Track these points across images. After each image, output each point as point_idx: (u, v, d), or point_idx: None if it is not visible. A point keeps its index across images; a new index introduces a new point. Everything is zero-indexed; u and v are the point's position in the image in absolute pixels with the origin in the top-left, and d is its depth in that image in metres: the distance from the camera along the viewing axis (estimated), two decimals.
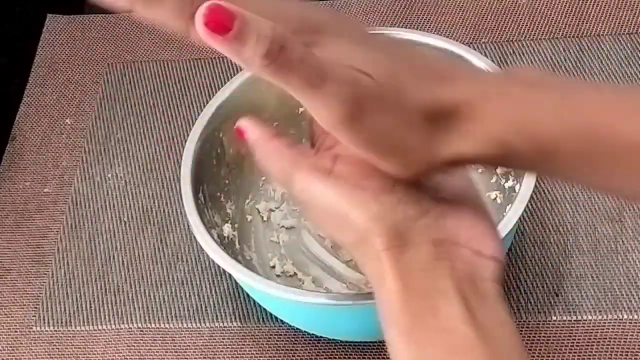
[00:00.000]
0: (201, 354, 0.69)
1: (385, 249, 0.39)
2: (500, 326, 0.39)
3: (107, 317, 0.72)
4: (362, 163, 0.40)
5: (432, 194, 0.41)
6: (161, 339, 0.70)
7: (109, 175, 0.81)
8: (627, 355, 0.65)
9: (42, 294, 0.74)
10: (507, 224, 0.59)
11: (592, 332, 0.66)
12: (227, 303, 0.71)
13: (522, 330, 0.67)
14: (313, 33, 0.38)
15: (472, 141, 0.39)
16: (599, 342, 0.66)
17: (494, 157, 0.39)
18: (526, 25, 0.86)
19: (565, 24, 0.85)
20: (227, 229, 0.70)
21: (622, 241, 0.70)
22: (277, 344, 0.69)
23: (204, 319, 0.71)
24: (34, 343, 0.72)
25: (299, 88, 0.37)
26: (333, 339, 0.68)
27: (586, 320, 0.67)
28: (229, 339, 0.70)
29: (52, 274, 0.75)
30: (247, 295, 0.71)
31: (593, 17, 0.86)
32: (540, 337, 0.66)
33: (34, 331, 0.72)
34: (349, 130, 0.38)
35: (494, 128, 0.38)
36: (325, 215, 0.42)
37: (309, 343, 0.69)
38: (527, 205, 0.60)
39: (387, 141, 0.39)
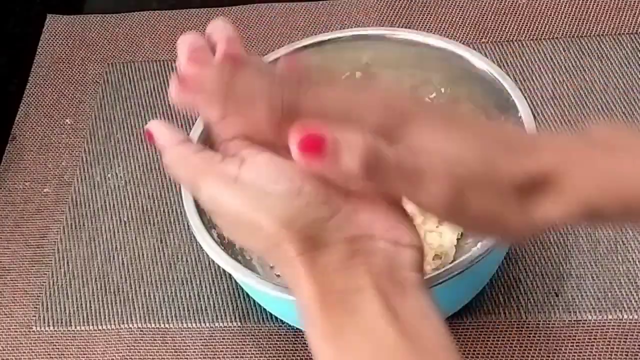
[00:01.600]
0: (201, 354, 0.69)
1: (298, 254, 0.39)
2: (424, 319, 0.39)
3: (107, 317, 0.72)
4: (268, 165, 0.40)
5: (342, 191, 0.40)
6: (161, 339, 0.70)
7: (109, 175, 0.81)
8: (627, 355, 0.65)
9: (42, 294, 0.74)
10: None
11: (592, 332, 0.66)
12: (227, 303, 0.71)
13: (522, 330, 0.67)
14: (399, 124, 0.39)
15: (561, 207, 0.41)
16: (599, 342, 0.66)
17: (582, 216, 0.41)
18: (526, 25, 0.86)
19: (565, 24, 0.85)
20: None
21: (622, 241, 0.70)
22: (277, 344, 0.69)
23: (204, 319, 0.71)
24: (34, 343, 0.72)
25: (399, 189, 0.39)
26: None
27: (586, 320, 0.67)
28: (229, 339, 0.70)
29: (52, 274, 0.75)
30: (247, 295, 0.71)
31: (593, 17, 0.86)
32: (540, 337, 0.66)
33: (34, 331, 0.72)
34: (453, 218, 0.40)
35: (580, 192, 0.40)
36: (234, 223, 0.41)
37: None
38: None
39: (487, 220, 0.40)
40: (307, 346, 0.69)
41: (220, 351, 0.69)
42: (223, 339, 0.70)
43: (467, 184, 0.39)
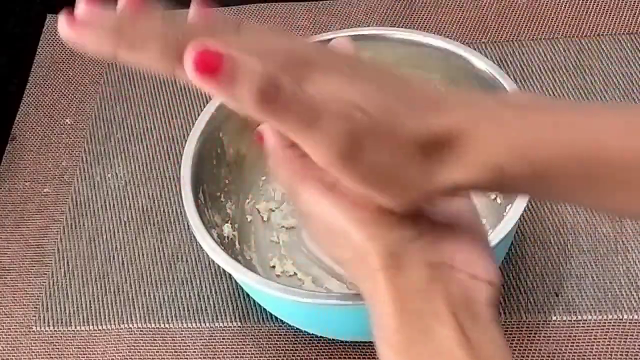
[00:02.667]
0: (201, 354, 0.69)
1: (380, 269, 0.39)
2: (495, 350, 0.39)
3: (107, 317, 0.72)
4: None
5: (430, 217, 0.41)
6: (161, 339, 0.70)
7: (109, 175, 0.81)
8: (627, 355, 0.65)
9: (42, 294, 0.74)
10: (507, 224, 0.59)
11: (592, 332, 0.66)
12: (227, 303, 0.71)
13: (522, 330, 0.67)
14: (302, 67, 0.38)
15: (466, 168, 0.38)
16: (599, 342, 0.66)
17: (489, 183, 0.39)
18: (526, 25, 0.86)
19: (565, 24, 0.85)
20: (227, 229, 0.70)
21: (622, 241, 0.70)
22: (277, 344, 0.69)
23: (204, 319, 0.71)
24: (34, 343, 0.72)
25: (292, 127, 0.37)
26: (333, 339, 0.68)
27: (586, 320, 0.67)
28: (229, 339, 0.70)
29: (52, 274, 0.75)
30: (247, 295, 0.71)
31: (593, 17, 0.86)
32: (540, 337, 0.66)
33: (34, 331, 0.72)
34: (346, 168, 0.38)
35: (486, 153, 0.38)
36: (324, 230, 0.42)
37: (309, 343, 0.69)
38: (527, 205, 0.60)
39: (384, 176, 0.38)
40: (307, 346, 0.69)
41: (220, 351, 0.69)
42: (223, 339, 0.70)
43: (364, 131, 0.37)
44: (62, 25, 0.37)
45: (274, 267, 0.72)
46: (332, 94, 0.37)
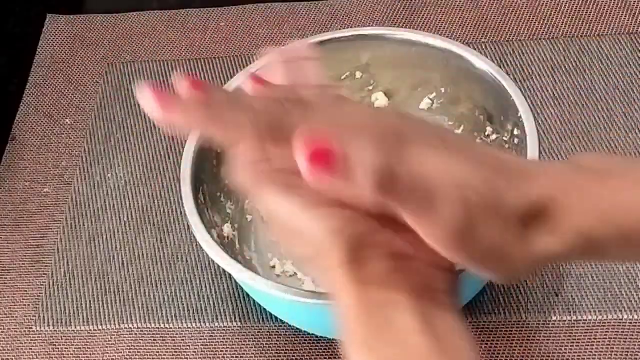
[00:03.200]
0: (201, 354, 0.69)
1: (341, 263, 0.40)
2: (456, 336, 0.39)
3: (107, 317, 0.72)
4: None
5: (389, 214, 0.41)
6: (161, 339, 0.70)
7: (109, 175, 0.81)
8: (627, 355, 0.65)
9: (42, 294, 0.74)
10: None
11: (592, 332, 0.66)
12: (227, 303, 0.71)
13: (522, 330, 0.67)
14: (397, 145, 0.38)
15: (560, 238, 0.39)
16: (599, 342, 0.66)
17: (581, 251, 0.40)
18: (526, 25, 0.86)
19: (565, 24, 0.85)
20: (227, 229, 0.70)
21: None
22: (277, 344, 0.69)
23: (204, 319, 0.71)
24: (34, 343, 0.72)
25: (410, 210, 0.38)
26: (333, 339, 0.68)
27: (586, 320, 0.67)
28: (229, 339, 0.70)
29: (52, 274, 0.75)
30: (247, 295, 0.71)
31: (593, 17, 0.86)
32: (540, 337, 0.66)
33: (34, 331, 0.72)
34: (460, 248, 0.39)
35: (577, 221, 0.39)
36: (286, 229, 0.42)
37: (309, 343, 0.69)
38: None
39: (494, 251, 0.39)
40: (307, 346, 0.69)
41: (220, 351, 0.69)
42: (223, 339, 0.70)
43: (477, 209, 0.38)
44: (151, 106, 0.39)
45: (274, 267, 0.72)
46: (440, 173, 0.38)
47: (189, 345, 0.70)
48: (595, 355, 0.65)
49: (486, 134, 0.72)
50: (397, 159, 0.37)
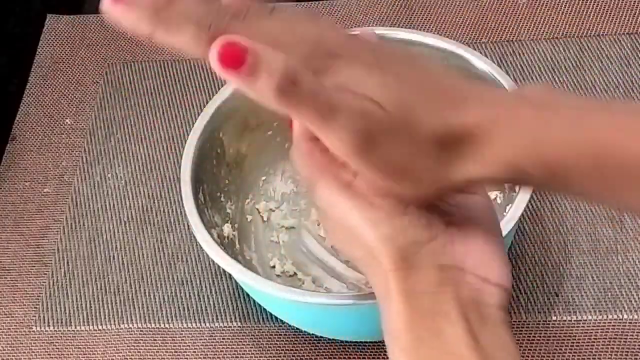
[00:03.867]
0: (201, 354, 0.69)
1: (392, 269, 0.40)
2: (504, 351, 0.39)
3: (107, 317, 0.72)
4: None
5: (444, 219, 0.42)
6: (161, 339, 0.70)
7: (109, 175, 0.81)
8: (627, 355, 0.65)
9: (42, 294, 0.74)
10: (507, 224, 0.59)
11: (592, 332, 0.66)
12: (227, 303, 0.71)
13: (522, 330, 0.67)
14: (327, 57, 0.38)
15: (483, 165, 0.39)
16: (599, 342, 0.66)
17: (504, 179, 0.41)
18: (526, 25, 0.86)
19: (565, 24, 0.85)
20: (227, 229, 0.70)
21: (622, 241, 0.70)
22: (277, 344, 0.69)
23: (204, 319, 0.71)
24: (34, 343, 0.72)
25: (309, 120, 0.38)
26: (333, 339, 0.68)
27: (586, 320, 0.67)
28: (229, 339, 0.70)
29: (52, 274, 0.75)
30: (247, 295, 0.71)
31: (593, 17, 0.86)
32: (540, 337, 0.66)
33: (34, 331, 0.72)
34: (361, 160, 0.38)
35: (504, 152, 0.39)
36: (339, 227, 0.42)
37: (309, 343, 0.69)
38: (527, 205, 0.60)
39: (399, 168, 0.39)
40: (307, 346, 0.69)
41: (220, 351, 0.69)
42: (223, 339, 0.70)
43: (380, 128, 0.38)
44: (106, 2, 0.38)
45: (274, 267, 0.72)
46: (351, 84, 0.38)
47: (189, 345, 0.70)
48: (595, 355, 0.65)
49: None
50: (311, 70, 0.37)
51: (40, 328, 0.72)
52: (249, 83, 0.36)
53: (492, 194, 0.70)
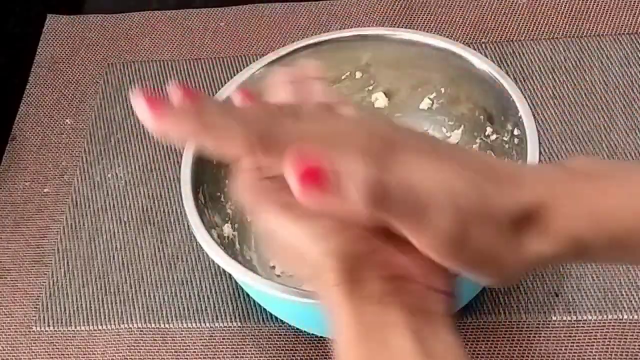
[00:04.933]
0: (201, 354, 0.69)
1: (336, 284, 0.40)
2: (451, 358, 0.39)
3: (107, 317, 0.72)
4: None
5: (387, 231, 0.41)
6: (161, 339, 0.70)
7: (109, 175, 0.81)
8: (627, 355, 0.65)
9: (42, 294, 0.74)
10: None
11: (592, 332, 0.66)
12: (227, 303, 0.71)
13: (522, 330, 0.67)
14: (385, 153, 0.38)
15: (550, 241, 0.40)
16: (599, 342, 0.66)
17: (571, 254, 0.40)
18: (526, 25, 0.86)
19: (565, 24, 0.85)
20: (227, 229, 0.70)
21: None
22: (277, 344, 0.69)
23: (204, 319, 0.71)
24: (34, 343, 0.72)
25: (402, 221, 0.38)
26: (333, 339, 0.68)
27: (586, 320, 0.67)
28: (229, 339, 0.70)
29: (52, 274, 0.75)
30: (247, 295, 0.71)
31: (593, 17, 0.85)
32: (540, 337, 0.66)
33: (34, 331, 0.72)
34: (454, 255, 0.39)
35: (567, 226, 0.39)
36: (284, 248, 0.42)
37: (309, 343, 0.69)
38: None
39: (488, 256, 0.39)
40: (307, 346, 0.69)
41: (220, 351, 0.69)
42: (223, 339, 0.70)
43: (469, 216, 0.38)
44: (144, 114, 0.38)
45: (274, 267, 0.72)
46: (430, 181, 0.38)
47: (189, 345, 0.70)
48: (595, 355, 0.65)
49: (486, 134, 0.72)
50: (386, 169, 0.37)
51: (40, 328, 0.72)
52: (337, 202, 0.36)
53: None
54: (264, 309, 0.70)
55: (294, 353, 0.68)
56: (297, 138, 0.38)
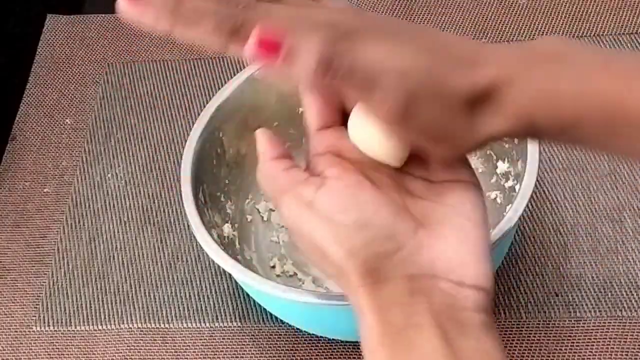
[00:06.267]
0: (201, 354, 0.69)
1: (360, 285, 0.40)
2: (483, 356, 0.39)
3: (107, 317, 0.72)
4: (341, 193, 0.41)
5: (412, 224, 0.41)
6: (161, 339, 0.70)
7: (109, 175, 0.81)
8: (627, 355, 0.65)
9: (42, 294, 0.74)
10: (507, 224, 0.59)
11: (592, 332, 0.66)
12: (227, 303, 0.71)
13: (522, 330, 0.67)
14: (349, 36, 0.39)
15: (503, 119, 0.40)
16: (599, 341, 0.66)
17: (522, 132, 0.41)
18: (526, 25, 0.86)
19: (565, 24, 0.85)
20: (227, 229, 0.70)
21: (622, 241, 0.70)
22: (277, 344, 0.69)
23: (204, 319, 0.71)
24: (34, 343, 0.72)
25: (353, 94, 0.40)
26: (333, 339, 0.68)
27: (586, 320, 0.67)
28: (229, 339, 0.70)
29: (52, 274, 0.75)
30: (247, 295, 0.71)
31: (593, 17, 0.86)
32: (540, 337, 0.66)
33: (34, 331, 0.72)
34: (403, 125, 0.40)
35: (519, 107, 0.40)
36: (309, 244, 0.42)
37: (309, 343, 0.69)
38: (527, 205, 0.60)
39: (437, 130, 0.40)
40: (307, 346, 0.69)
41: (220, 351, 0.69)
42: (223, 339, 0.70)
43: (417, 94, 0.39)
44: (122, 3, 0.39)
45: (274, 267, 0.72)
46: (384, 60, 0.39)
47: (189, 345, 0.70)
48: (595, 355, 0.65)
49: None
50: (340, 49, 0.38)
51: (40, 328, 0.72)
52: (287, 68, 0.38)
53: (492, 194, 0.70)
54: (264, 309, 0.70)
55: (294, 353, 0.68)
56: (266, 18, 0.39)
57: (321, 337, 0.68)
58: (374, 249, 0.40)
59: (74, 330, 0.72)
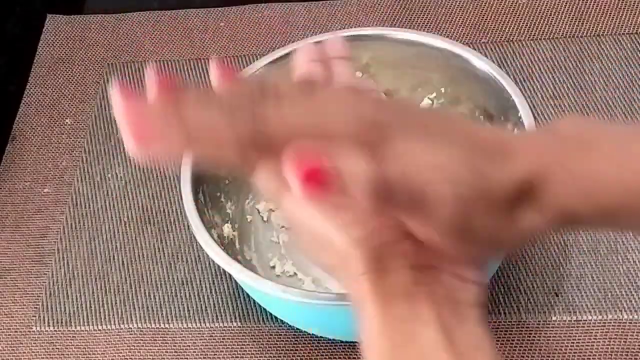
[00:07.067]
0: (201, 354, 0.69)
1: (363, 272, 0.40)
2: (479, 350, 0.39)
3: (107, 317, 0.72)
4: None
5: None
6: (161, 339, 0.70)
7: (109, 175, 0.81)
8: (627, 355, 0.65)
9: (42, 294, 0.74)
10: None
11: (592, 332, 0.66)
12: (227, 303, 0.71)
13: (522, 330, 0.67)
14: (381, 143, 0.37)
15: (543, 214, 0.39)
16: (599, 341, 0.66)
17: (563, 223, 0.40)
18: (526, 25, 0.86)
19: (565, 24, 0.85)
20: (227, 229, 0.70)
21: (622, 241, 0.70)
22: (277, 344, 0.69)
23: (204, 319, 0.71)
24: (34, 343, 0.72)
25: (405, 213, 0.38)
26: (333, 339, 0.68)
27: (586, 320, 0.67)
28: (229, 339, 0.70)
29: (52, 274, 0.75)
30: (247, 295, 0.71)
31: (593, 17, 0.86)
32: (540, 337, 0.66)
33: (34, 331, 0.72)
34: (459, 239, 0.38)
35: (560, 199, 0.39)
36: (310, 237, 0.42)
37: (309, 343, 0.69)
38: None
39: (487, 237, 0.39)
40: (307, 346, 0.69)
41: (220, 351, 0.69)
42: (223, 339, 0.70)
43: (469, 202, 0.38)
44: (131, 147, 0.37)
45: (274, 267, 0.72)
46: (429, 169, 0.37)
47: (189, 345, 0.70)
48: (595, 355, 0.65)
49: None
50: (384, 162, 0.36)
51: (40, 328, 0.72)
52: (340, 201, 0.36)
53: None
54: (264, 309, 0.70)
55: (294, 353, 0.68)
56: (287, 130, 0.36)
57: (321, 337, 0.68)
58: (379, 238, 0.40)
59: (74, 331, 0.72)
